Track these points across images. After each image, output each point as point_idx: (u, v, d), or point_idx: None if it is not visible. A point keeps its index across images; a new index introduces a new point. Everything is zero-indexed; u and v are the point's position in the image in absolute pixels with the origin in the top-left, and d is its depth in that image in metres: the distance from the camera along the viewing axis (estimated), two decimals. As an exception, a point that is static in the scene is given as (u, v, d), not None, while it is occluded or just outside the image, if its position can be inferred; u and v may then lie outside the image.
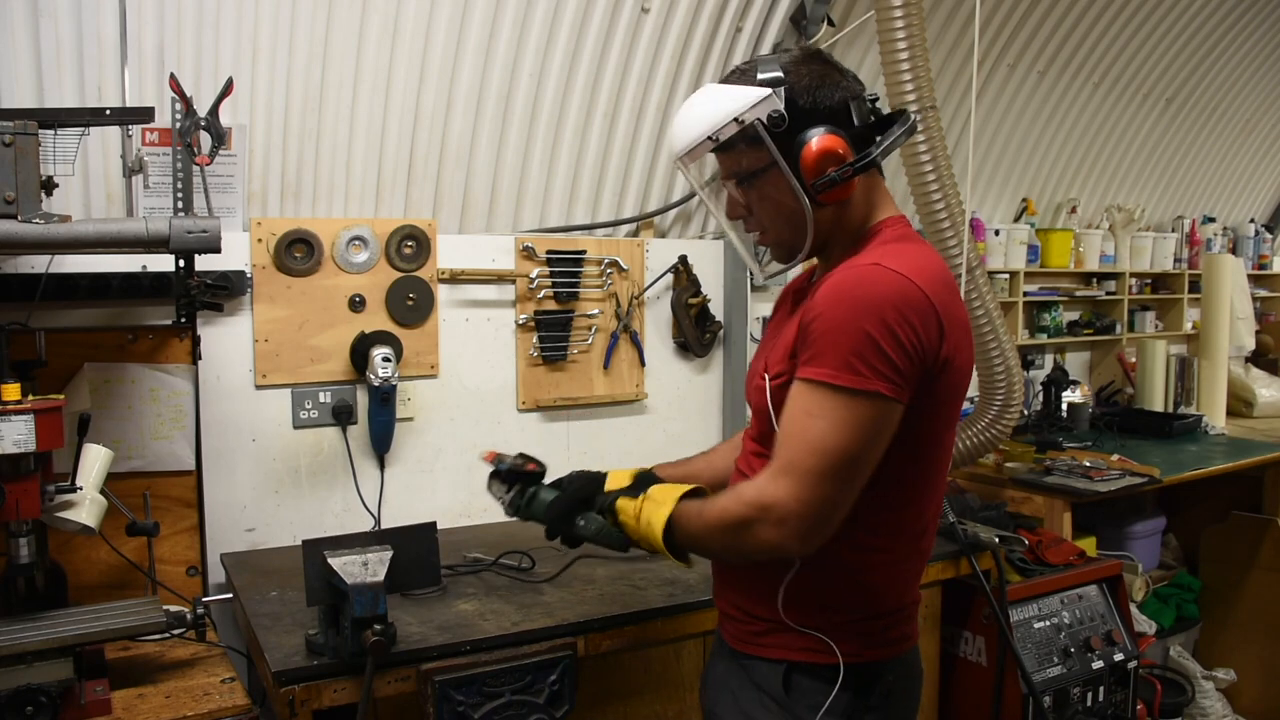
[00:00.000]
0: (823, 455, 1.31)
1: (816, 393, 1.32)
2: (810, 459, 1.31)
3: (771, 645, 1.49)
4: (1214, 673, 3.65)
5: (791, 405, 1.35)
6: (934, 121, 2.49)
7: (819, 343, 1.32)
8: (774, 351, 1.46)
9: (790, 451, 1.33)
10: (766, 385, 1.43)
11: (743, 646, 1.54)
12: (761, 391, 1.44)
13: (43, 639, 1.61)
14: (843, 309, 1.32)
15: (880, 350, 1.29)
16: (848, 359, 1.30)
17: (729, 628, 1.59)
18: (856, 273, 1.34)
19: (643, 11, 2.76)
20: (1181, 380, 4.27)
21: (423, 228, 2.62)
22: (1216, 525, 3.77)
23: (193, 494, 2.16)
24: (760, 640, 1.51)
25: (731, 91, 1.42)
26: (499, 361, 2.79)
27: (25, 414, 1.62)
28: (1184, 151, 4.68)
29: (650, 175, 3.01)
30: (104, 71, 2.20)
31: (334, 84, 2.45)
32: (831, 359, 1.30)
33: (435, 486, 2.72)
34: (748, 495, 1.37)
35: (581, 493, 1.69)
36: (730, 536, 1.39)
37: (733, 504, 1.39)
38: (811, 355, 1.33)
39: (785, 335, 1.44)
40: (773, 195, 1.44)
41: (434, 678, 1.76)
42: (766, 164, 1.41)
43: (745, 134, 1.40)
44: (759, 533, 1.34)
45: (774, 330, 1.60)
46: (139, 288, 2.27)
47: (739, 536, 1.38)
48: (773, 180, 1.42)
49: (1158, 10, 3.91)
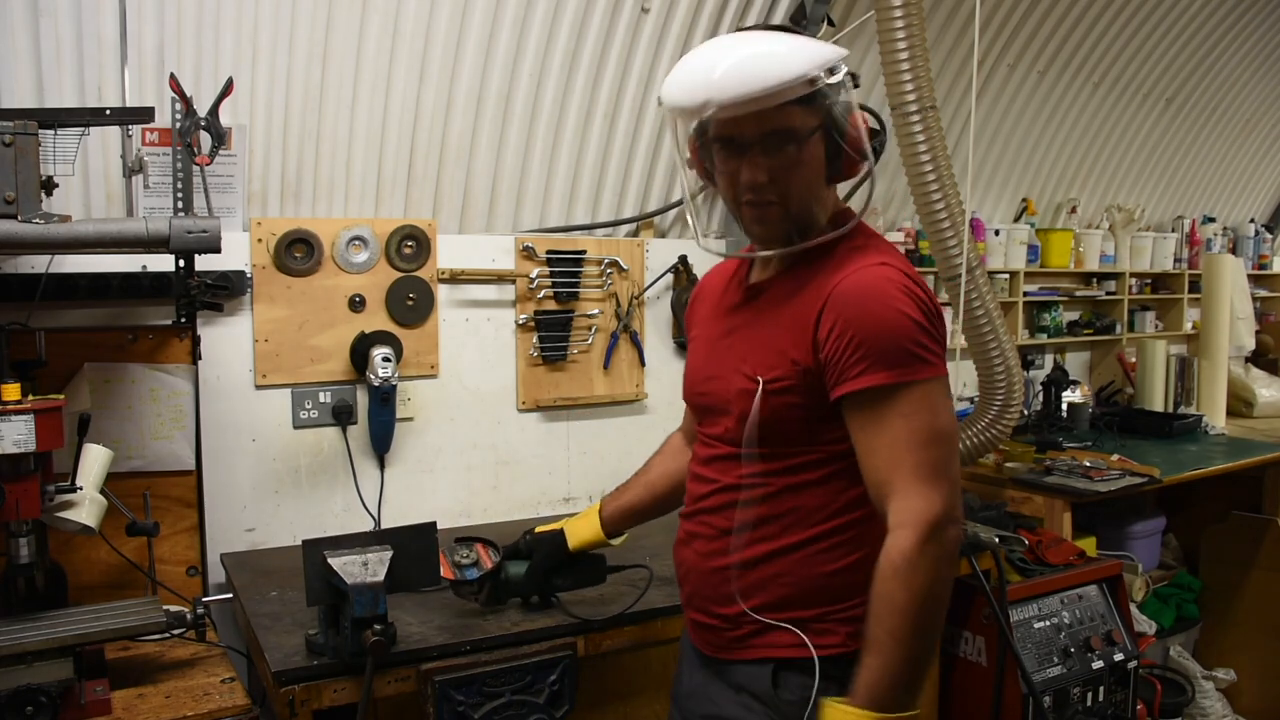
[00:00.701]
0: (935, 445, 1.32)
1: (898, 394, 1.31)
2: (928, 455, 1.31)
3: (757, 646, 1.46)
4: (1214, 673, 3.64)
5: (878, 416, 1.32)
6: (934, 121, 2.49)
7: (865, 347, 1.31)
8: (757, 353, 1.42)
9: (911, 459, 1.31)
10: (759, 389, 1.39)
11: (723, 653, 1.50)
12: (750, 395, 1.40)
13: (43, 639, 1.61)
14: (877, 307, 1.32)
15: (930, 330, 1.33)
16: (907, 350, 1.31)
17: (706, 637, 1.53)
18: (870, 271, 1.35)
19: (643, 11, 2.76)
20: (1181, 380, 4.27)
21: (423, 228, 2.62)
22: (1216, 525, 3.77)
23: (193, 494, 2.16)
24: (745, 643, 1.47)
25: (808, 42, 1.35)
26: (499, 361, 2.79)
27: (25, 414, 1.62)
28: (1184, 151, 4.68)
29: (650, 175, 3.01)
30: (104, 71, 2.20)
31: (334, 84, 2.45)
32: (892, 357, 1.31)
33: (435, 486, 2.72)
34: (910, 537, 1.28)
35: (549, 562, 1.92)
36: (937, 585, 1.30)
37: (904, 564, 1.28)
38: (870, 362, 1.31)
39: (769, 337, 1.42)
40: (810, 161, 1.37)
41: (434, 678, 1.76)
42: (814, 127, 1.35)
43: (828, 90, 1.33)
44: (948, 545, 1.31)
45: (724, 327, 1.52)
46: (139, 288, 2.27)
47: (940, 571, 1.30)
48: (812, 147, 1.36)
49: (1158, 10, 3.91)
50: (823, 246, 1.41)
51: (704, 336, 1.58)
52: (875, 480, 1.34)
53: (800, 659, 1.42)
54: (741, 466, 1.44)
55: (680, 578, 1.59)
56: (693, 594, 1.55)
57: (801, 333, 1.37)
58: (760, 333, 1.45)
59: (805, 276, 1.42)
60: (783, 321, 1.41)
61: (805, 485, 1.41)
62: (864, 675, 1.30)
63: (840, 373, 1.33)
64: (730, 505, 1.46)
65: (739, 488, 1.45)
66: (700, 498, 1.53)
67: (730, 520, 1.46)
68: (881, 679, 1.29)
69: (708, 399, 1.52)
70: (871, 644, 1.30)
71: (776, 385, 1.39)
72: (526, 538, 1.97)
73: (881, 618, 1.29)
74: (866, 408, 1.33)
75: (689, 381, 1.60)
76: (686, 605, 1.58)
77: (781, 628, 1.43)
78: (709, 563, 1.50)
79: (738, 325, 1.50)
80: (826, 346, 1.34)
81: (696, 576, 1.53)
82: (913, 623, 1.28)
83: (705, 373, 1.54)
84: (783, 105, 1.31)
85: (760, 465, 1.43)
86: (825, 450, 1.40)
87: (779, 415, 1.39)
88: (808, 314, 1.37)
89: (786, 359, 1.38)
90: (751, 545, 1.44)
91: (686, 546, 1.56)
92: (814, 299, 1.37)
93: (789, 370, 1.38)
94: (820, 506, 1.41)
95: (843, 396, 1.34)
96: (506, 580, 1.96)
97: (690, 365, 1.61)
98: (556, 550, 1.93)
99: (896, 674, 1.29)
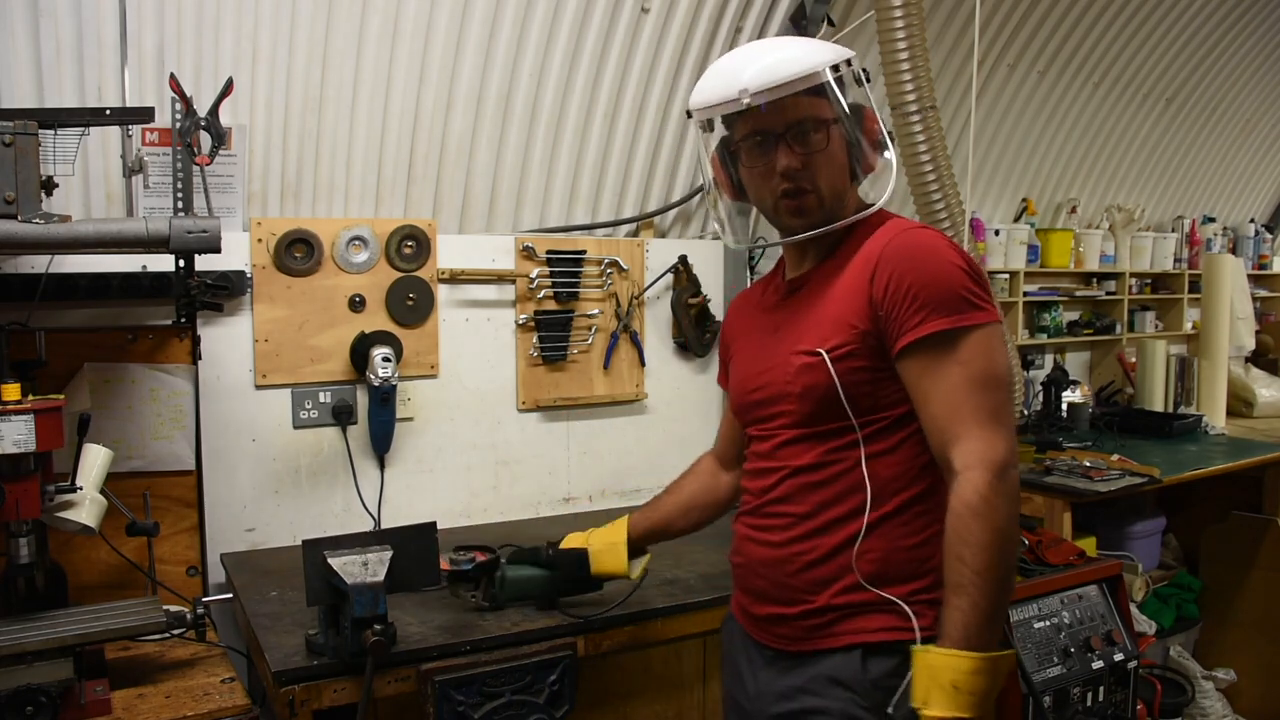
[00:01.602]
0: (994, 390, 1.35)
1: (956, 340, 1.35)
2: (988, 399, 1.34)
3: (841, 633, 1.44)
4: (1214, 673, 3.65)
5: (937, 363, 1.35)
6: (934, 121, 2.49)
7: (923, 297, 1.35)
8: (811, 332, 1.45)
9: (971, 403, 1.34)
10: (826, 359, 1.40)
11: (802, 645, 1.47)
12: (811, 369, 1.42)
13: (43, 639, 1.61)
14: (929, 259, 1.37)
15: (979, 279, 1.38)
16: (962, 297, 1.36)
17: (781, 631, 1.50)
18: (915, 232, 1.42)
19: (643, 11, 2.76)
20: (1181, 380, 4.27)
21: (423, 228, 2.62)
22: (1216, 525, 3.77)
23: (193, 494, 2.16)
24: (828, 631, 1.45)
25: (821, 43, 1.46)
26: (499, 361, 2.79)
27: (25, 414, 1.62)
28: (1184, 151, 4.68)
29: (650, 175, 3.01)
30: (104, 71, 2.20)
31: (334, 84, 2.45)
32: (950, 304, 1.35)
33: (435, 486, 2.72)
34: (983, 476, 1.31)
35: (573, 573, 1.92)
36: (1012, 522, 1.34)
37: (980, 502, 1.31)
38: (928, 310, 1.35)
39: (820, 314, 1.45)
40: (833, 151, 1.45)
41: (434, 678, 1.76)
42: (833, 118, 1.44)
43: (842, 81, 1.43)
44: (1015, 486, 1.34)
45: (768, 326, 1.57)
46: (139, 288, 2.27)
47: (1013, 509, 1.34)
48: (836, 137, 1.45)
49: (1158, 10, 3.91)
50: (855, 232, 1.48)
51: (747, 344, 1.62)
52: (937, 427, 1.37)
53: (890, 642, 1.41)
54: (812, 446, 1.45)
55: (745, 576, 1.57)
56: (765, 588, 1.52)
57: (855, 298, 1.41)
58: (810, 315, 1.48)
59: (845, 256, 1.47)
60: (833, 297, 1.45)
61: (878, 455, 1.42)
62: (955, 617, 1.31)
63: (900, 325, 1.37)
64: (804, 488, 1.46)
65: (811, 468, 1.45)
66: (766, 489, 1.52)
67: (805, 504, 1.46)
68: (973, 618, 1.30)
69: (762, 392, 1.53)
70: (957, 586, 1.31)
71: (839, 352, 1.41)
72: (550, 551, 1.96)
73: (964, 558, 1.31)
74: (926, 356, 1.36)
75: (739, 387, 1.61)
76: (755, 602, 1.55)
77: (870, 611, 1.42)
78: (785, 550, 1.48)
79: (782, 319, 1.54)
80: (884, 303, 1.38)
81: (770, 568, 1.51)
82: (996, 559, 1.31)
83: (756, 369, 1.55)
84: (808, 96, 1.42)
85: (833, 441, 1.44)
86: (891, 414, 1.42)
87: (845, 381, 1.40)
88: (859, 280, 1.41)
89: (845, 325, 1.41)
90: (833, 526, 1.44)
91: (752, 542, 1.54)
92: (862, 267, 1.42)
93: (849, 335, 1.40)
94: (895, 477, 1.42)
95: (903, 348, 1.37)
96: (504, 579, 1.95)
97: (737, 374, 1.63)
98: (579, 572, 1.93)
99: (987, 612, 1.30)
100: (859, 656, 1.42)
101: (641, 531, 1.90)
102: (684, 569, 2.28)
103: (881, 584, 1.42)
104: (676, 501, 1.88)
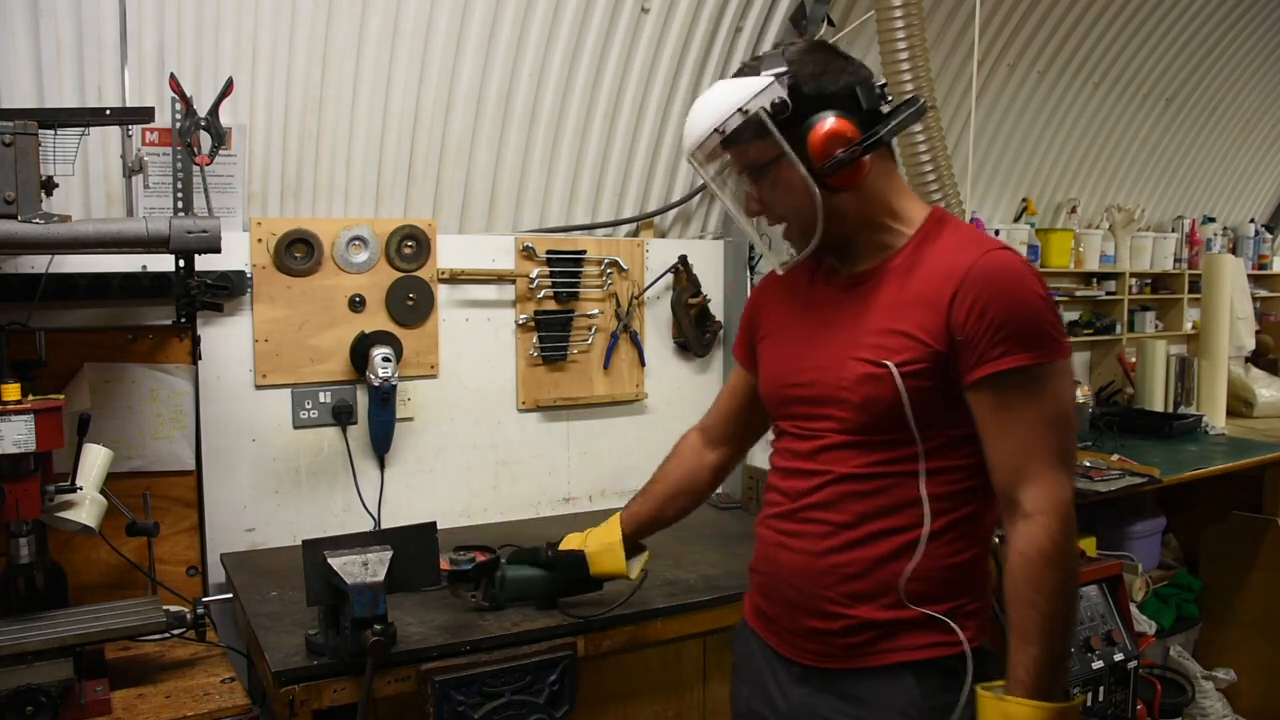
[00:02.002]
0: (1066, 429, 1.35)
1: (1034, 377, 1.33)
2: (1059, 440, 1.34)
3: (885, 651, 1.40)
4: (1214, 673, 3.65)
5: (1014, 399, 1.33)
6: (934, 121, 2.49)
7: (1007, 329, 1.32)
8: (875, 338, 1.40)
9: (1045, 444, 1.33)
10: (894, 373, 1.36)
11: (839, 662, 1.43)
12: (874, 380, 1.38)
13: (43, 639, 1.62)
14: (1015, 288, 1.34)
15: (1057, 312, 1.36)
16: (1045, 331, 1.34)
17: (813, 646, 1.46)
18: (999, 254, 1.37)
19: (643, 11, 2.76)
20: (1181, 380, 4.26)
21: (423, 228, 2.62)
22: (1216, 525, 3.77)
23: (193, 494, 2.17)
24: (870, 649, 1.41)
25: (736, 84, 1.41)
26: (499, 361, 2.79)
27: (25, 414, 1.62)
28: (1184, 151, 4.68)
29: (650, 175, 3.01)
30: (104, 71, 2.20)
31: (334, 84, 2.45)
32: (1032, 339, 1.33)
33: (435, 486, 2.72)
34: (1055, 523, 1.31)
35: (572, 574, 1.92)
36: (1078, 569, 1.35)
37: (1054, 549, 1.31)
38: (1011, 344, 1.32)
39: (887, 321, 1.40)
40: (786, 185, 1.42)
41: (434, 678, 1.76)
42: (776, 154, 1.40)
43: (750, 124, 1.38)
44: (1074, 531, 1.33)
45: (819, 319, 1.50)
46: (139, 288, 2.27)
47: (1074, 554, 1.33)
48: (785, 170, 1.41)
49: (1158, 10, 3.90)
50: (924, 230, 1.44)
51: (788, 332, 1.56)
52: (1009, 465, 1.35)
53: (936, 659, 1.39)
54: (860, 454, 1.41)
55: (773, 585, 1.52)
56: (799, 600, 1.46)
57: (931, 314, 1.37)
58: (872, 319, 1.43)
59: (911, 261, 1.43)
60: (902, 306, 1.40)
61: (929, 473, 1.39)
62: (1025, 664, 1.30)
63: (979, 354, 1.34)
64: (848, 497, 1.42)
65: (858, 476, 1.41)
66: (804, 493, 1.47)
67: (847, 513, 1.42)
68: (1044, 667, 1.30)
69: (807, 389, 1.47)
70: (1028, 634, 1.30)
71: (910, 368, 1.37)
72: (549, 553, 1.96)
73: (1038, 604, 1.30)
74: (1002, 390, 1.34)
75: (776, 378, 1.55)
76: (785, 614, 1.50)
77: (916, 628, 1.39)
78: (824, 561, 1.43)
79: (835, 316, 1.48)
80: (965, 328, 1.34)
81: (804, 579, 1.46)
82: (1067, 606, 1.32)
83: (800, 363, 1.50)
84: (740, 143, 1.42)
85: (886, 453, 1.40)
86: (947, 436, 1.39)
87: (912, 399, 1.37)
88: (936, 297, 1.37)
89: (916, 342, 1.37)
90: (876, 538, 1.40)
91: (784, 550, 1.49)
92: (940, 280, 1.37)
93: (921, 353, 1.37)
94: (944, 496, 1.40)
95: (980, 379, 1.34)
96: (504, 579, 1.96)
97: (776, 361, 1.57)
98: (578, 574, 1.92)
99: (1057, 661, 1.31)
100: (909, 677, 1.39)
101: (633, 529, 1.88)
102: (684, 569, 2.28)
103: (922, 601, 1.39)
104: (664, 491, 1.86)
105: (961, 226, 1.47)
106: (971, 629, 1.40)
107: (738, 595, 2.12)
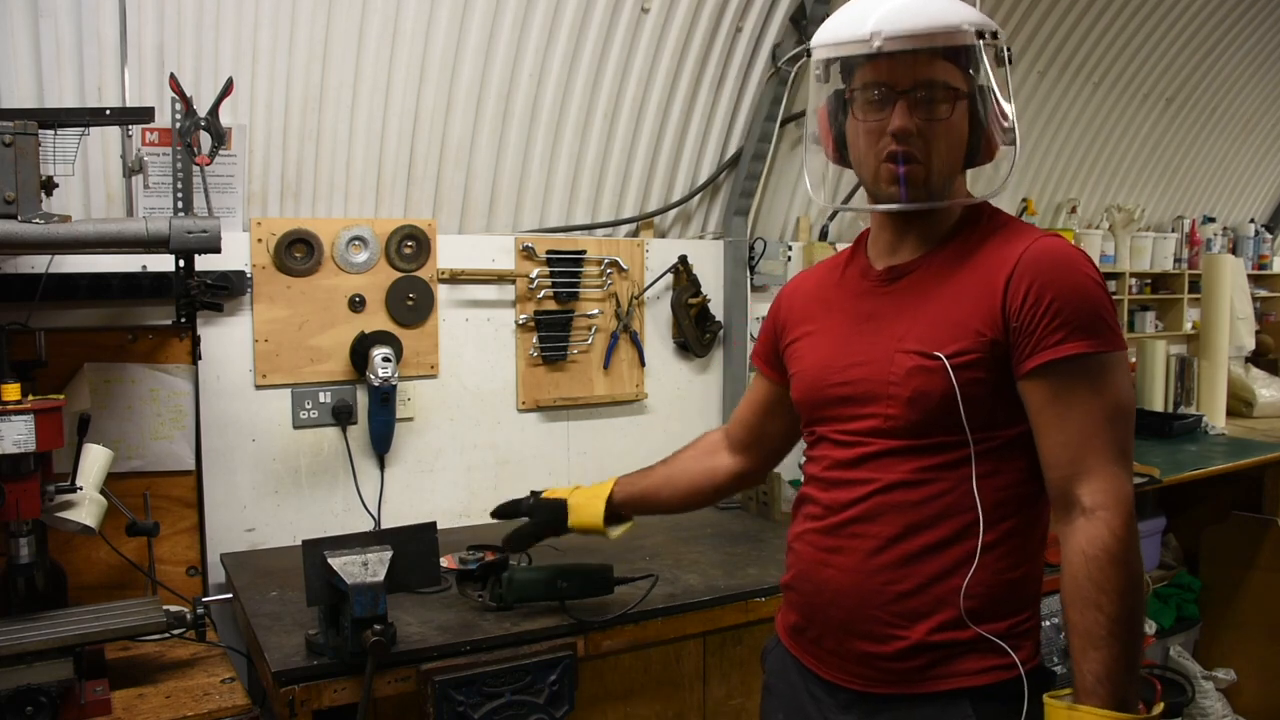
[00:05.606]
0: (1125, 422, 1.28)
1: (1093, 366, 1.25)
2: (1119, 433, 1.26)
3: (942, 676, 1.31)
4: (1214, 673, 3.65)
5: (1072, 389, 1.25)
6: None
7: (1065, 314, 1.24)
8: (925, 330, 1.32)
9: (1104, 436, 1.25)
10: (946, 364, 1.27)
11: (892, 688, 1.34)
12: (925, 373, 1.29)
13: (43, 639, 1.62)
14: (1072, 273, 1.27)
15: (1112, 306, 1.30)
16: (1103, 318, 1.27)
17: (862, 671, 1.36)
18: (1054, 240, 1.31)
19: (643, 11, 2.76)
20: (1181, 380, 4.26)
21: (423, 228, 2.62)
22: (1216, 525, 3.77)
23: (193, 494, 2.16)
24: (926, 674, 1.31)
25: (970, 7, 1.33)
26: (499, 361, 2.79)
27: (25, 414, 1.62)
28: (1184, 151, 4.68)
29: (650, 175, 3.01)
30: (104, 71, 2.20)
31: (334, 84, 2.45)
32: (1091, 326, 1.25)
33: (435, 486, 2.72)
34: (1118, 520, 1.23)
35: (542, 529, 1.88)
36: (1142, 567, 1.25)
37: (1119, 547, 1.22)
38: (1070, 330, 1.24)
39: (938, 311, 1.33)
40: (954, 124, 1.32)
41: (434, 678, 1.76)
42: (967, 91, 1.32)
43: (980, 50, 1.30)
44: (1136, 528, 1.25)
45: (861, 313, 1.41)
46: (139, 288, 2.27)
47: (1139, 551, 1.24)
48: (960, 110, 1.32)
49: (1158, 10, 3.90)
50: (969, 223, 1.38)
51: (826, 328, 1.46)
52: (1064, 458, 1.26)
53: (995, 684, 1.30)
54: (906, 460, 1.32)
55: (817, 606, 1.41)
56: (847, 621, 1.36)
57: (984, 301, 1.29)
58: (920, 311, 1.34)
59: (961, 252, 1.36)
60: (952, 296, 1.32)
61: (983, 476, 1.30)
62: (1094, 670, 1.20)
63: (1036, 341, 1.25)
64: (896, 508, 1.32)
65: (905, 485, 1.32)
66: (847, 504, 1.36)
67: (895, 525, 1.32)
68: (1116, 671, 1.20)
69: (851, 387, 1.37)
70: (1096, 638, 1.20)
71: (963, 359, 1.28)
72: (531, 499, 1.92)
73: (1103, 606, 1.20)
74: (1059, 379, 1.25)
75: (816, 375, 1.44)
76: (830, 636, 1.39)
77: (975, 651, 1.30)
78: (874, 580, 1.33)
79: (878, 308, 1.39)
80: (1021, 314, 1.26)
81: (852, 599, 1.35)
82: (1135, 605, 1.22)
83: (843, 360, 1.39)
84: (943, 58, 1.29)
85: (933, 457, 1.31)
86: (1000, 437, 1.30)
87: (965, 393, 1.28)
88: (990, 283, 1.29)
89: (969, 331, 1.29)
90: (928, 552, 1.31)
91: (827, 567, 1.39)
92: (994, 268, 1.30)
93: (974, 342, 1.28)
94: (1000, 504, 1.31)
95: (1036, 367, 1.26)
96: (511, 579, 1.96)
97: (813, 361, 1.45)
98: (554, 520, 1.87)
99: (1130, 664, 1.21)
100: (966, 704, 1.30)
101: (624, 497, 1.82)
102: (684, 569, 2.28)
103: (980, 620, 1.30)
104: (667, 473, 1.79)
105: (1010, 218, 1.41)
106: (1029, 647, 1.33)
107: (738, 596, 2.14)
